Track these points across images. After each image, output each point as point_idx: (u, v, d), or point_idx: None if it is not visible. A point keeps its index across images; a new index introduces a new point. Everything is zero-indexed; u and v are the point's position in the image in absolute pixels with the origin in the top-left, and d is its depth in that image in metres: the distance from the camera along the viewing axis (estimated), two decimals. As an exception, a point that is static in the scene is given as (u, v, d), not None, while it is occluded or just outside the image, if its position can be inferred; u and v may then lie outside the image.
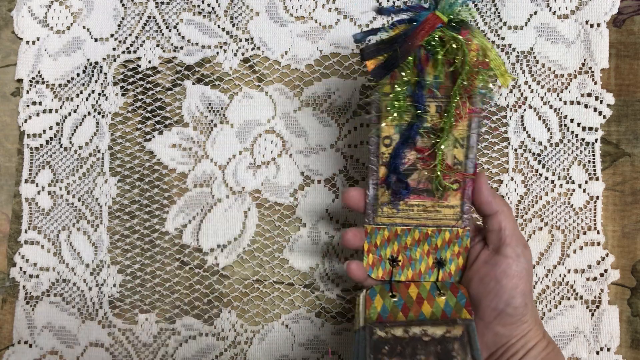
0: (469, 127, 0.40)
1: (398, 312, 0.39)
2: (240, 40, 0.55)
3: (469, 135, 0.40)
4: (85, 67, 0.56)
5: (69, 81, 0.56)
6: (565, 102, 0.51)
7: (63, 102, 0.56)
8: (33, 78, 0.57)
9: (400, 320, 0.38)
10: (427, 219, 0.42)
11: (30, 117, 0.56)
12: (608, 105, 0.51)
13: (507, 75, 0.40)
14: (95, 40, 0.56)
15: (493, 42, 0.52)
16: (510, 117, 0.52)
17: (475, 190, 0.41)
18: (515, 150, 0.52)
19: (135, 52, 0.56)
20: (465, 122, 0.40)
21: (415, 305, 0.40)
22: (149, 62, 0.55)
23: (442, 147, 0.40)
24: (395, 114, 0.40)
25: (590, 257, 0.51)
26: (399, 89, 0.39)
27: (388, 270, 0.43)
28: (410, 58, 0.39)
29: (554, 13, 0.52)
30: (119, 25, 0.56)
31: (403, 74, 0.39)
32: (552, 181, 0.51)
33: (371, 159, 0.42)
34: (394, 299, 0.40)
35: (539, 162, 0.51)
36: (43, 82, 0.56)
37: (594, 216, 0.51)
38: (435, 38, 0.38)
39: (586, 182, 0.51)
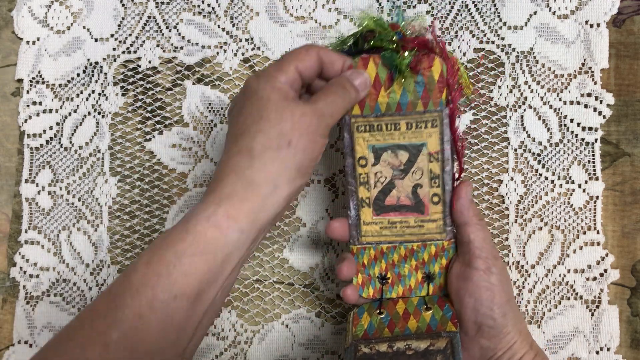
0: (441, 140, 0.40)
1: (384, 328, 0.40)
2: (240, 40, 0.55)
3: (442, 148, 0.40)
4: (86, 67, 0.56)
5: (69, 81, 0.56)
6: (565, 102, 0.51)
7: (63, 102, 0.56)
8: (33, 78, 0.57)
9: (385, 335, 0.39)
10: (411, 235, 0.42)
11: (30, 117, 0.56)
12: (608, 105, 0.51)
13: (470, 85, 0.42)
14: (96, 40, 0.56)
15: (493, 42, 0.52)
16: (510, 117, 0.52)
17: (455, 196, 0.41)
18: (515, 150, 0.52)
19: (135, 52, 0.56)
20: (437, 135, 0.41)
21: (402, 321, 0.40)
22: (149, 62, 0.55)
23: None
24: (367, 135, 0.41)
25: (590, 257, 0.51)
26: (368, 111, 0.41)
27: (378, 289, 0.43)
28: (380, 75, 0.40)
29: (554, 13, 0.52)
30: (119, 26, 0.56)
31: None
32: (552, 181, 0.51)
33: (349, 181, 0.42)
34: (381, 316, 0.41)
35: (539, 162, 0.51)
36: (43, 82, 0.56)
37: (594, 216, 0.51)
38: (406, 58, 0.39)
39: (586, 182, 0.51)
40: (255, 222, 0.35)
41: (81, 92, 0.56)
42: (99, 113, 0.55)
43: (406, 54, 0.39)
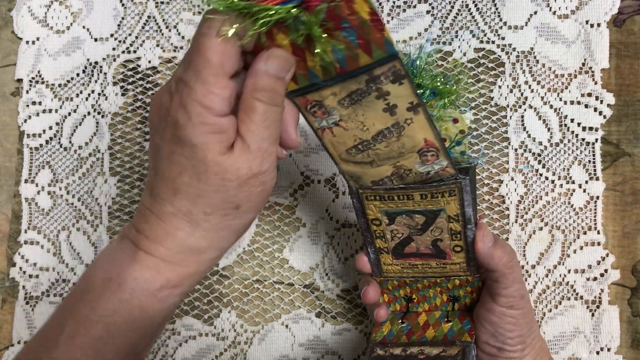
0: (462, 205, 0.37)
1: (402, 335, 0.40)
2: (240, 40, 0.55)
3: (463, 211, 0.37)
4: (85, 67, 0.56)
5: (68, 81, 0.56)
6: (565, 102, 0.51)
7: (63, 102, 0.56)
8: (33, 78, 0.56)
9: (402, 341, 0.39)
10: (433, 273, 0.41)
11: (30, 117, 0.56)
12: (608, 105, 0.51)
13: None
14: (95, 40, 0.56)
15: (493, 41, 0.52)
16: (511, 117, 0.52)
17: (475, 247, 0.38)
18: (516, 150, 0.52)
19: (135, 52, 0.56)
20: (456, 202, 0.37)
21: (420, 330, 0.41)
22: (149, 62, 0.55)
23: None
24: None
25: (591, 257, 0.50)
26: None
27: (404, 305, 0.43)
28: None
29: (554, 13, 0.52)
30: (118, 25, 0.56)
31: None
32: (552, 181, 0.51)
33: (364, 234, 0.41)
34: (402, 325, 0.41)
35: (539, 162, 0.51)
36: (43, 82, 0.56)
37: (594, 216, 0.51)
38: (314, 19, 0.28)
39: (586, 182, 0.51)
40: (196, 281, 0.33)
41: (81, 92, 0.56)
42: (99, 113, 0.55)
43: (312, 16, 0.28)
